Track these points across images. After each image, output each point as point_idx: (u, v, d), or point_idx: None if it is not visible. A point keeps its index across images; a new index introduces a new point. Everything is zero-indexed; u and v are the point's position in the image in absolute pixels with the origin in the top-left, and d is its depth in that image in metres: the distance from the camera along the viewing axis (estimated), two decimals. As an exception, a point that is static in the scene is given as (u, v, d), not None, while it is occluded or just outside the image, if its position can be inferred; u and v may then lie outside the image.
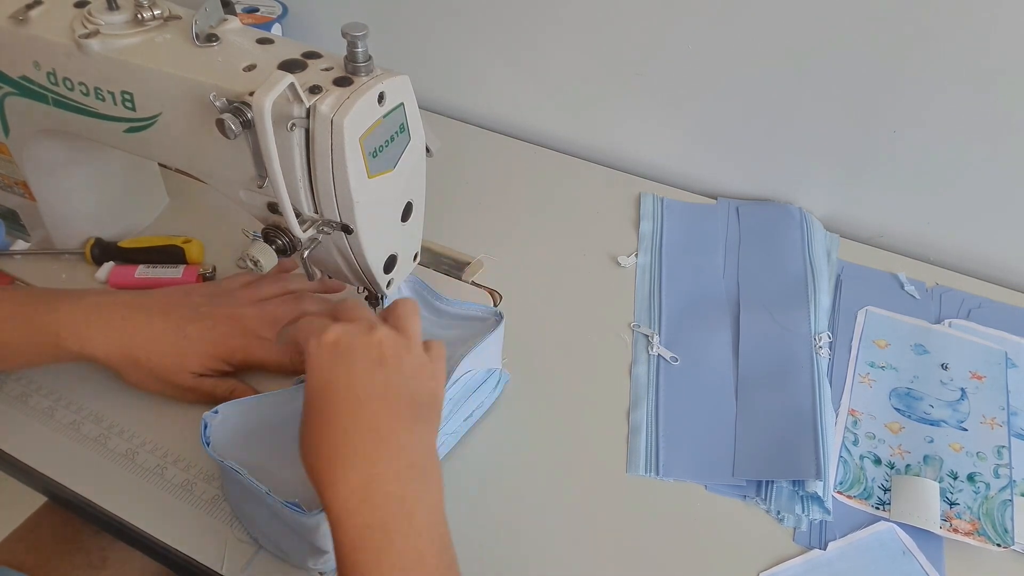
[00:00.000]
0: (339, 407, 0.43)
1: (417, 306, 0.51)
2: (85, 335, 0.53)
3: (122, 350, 0.54)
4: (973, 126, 0.68)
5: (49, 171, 0.65)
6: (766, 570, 0.53)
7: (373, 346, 0.45)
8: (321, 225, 0.51)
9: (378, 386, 0.44)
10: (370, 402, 0.43)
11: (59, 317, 0.53)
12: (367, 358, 0.45)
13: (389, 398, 0.44)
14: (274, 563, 0.51)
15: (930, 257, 0.77)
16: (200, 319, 0.56)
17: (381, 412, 0.43)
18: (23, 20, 0.54)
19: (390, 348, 0.46)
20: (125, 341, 0.54)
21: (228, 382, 0.58)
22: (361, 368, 0.44)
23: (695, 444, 0.59)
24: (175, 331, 0.55)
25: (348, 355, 0.44)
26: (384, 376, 0.45)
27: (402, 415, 0.44)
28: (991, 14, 0.62)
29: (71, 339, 0.53)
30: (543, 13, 0.79)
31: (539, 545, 0.53)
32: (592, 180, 0.84)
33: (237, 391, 0.58)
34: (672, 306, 0.69)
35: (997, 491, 0.57)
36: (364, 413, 0.43)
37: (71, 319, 0.53)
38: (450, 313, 0.61)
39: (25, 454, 0.57)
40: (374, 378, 0.44)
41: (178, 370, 0.55)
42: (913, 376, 0.65)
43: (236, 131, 0.46)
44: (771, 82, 0.74)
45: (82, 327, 0.53)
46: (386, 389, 0.44)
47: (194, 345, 0.55)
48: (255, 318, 0.58)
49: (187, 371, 0.56)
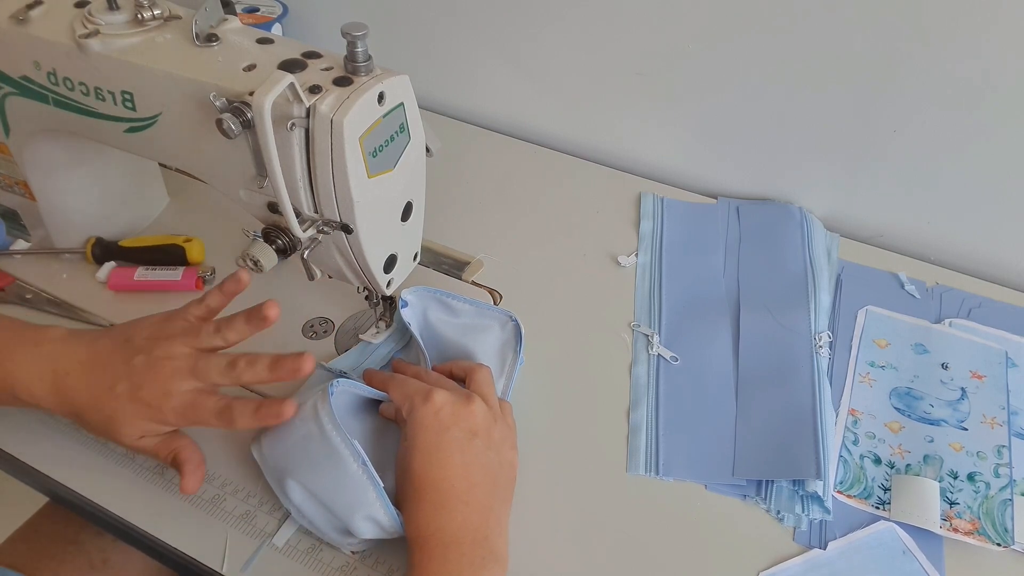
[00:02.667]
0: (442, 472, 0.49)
1: (491, 373, 0.57)
2: (36, 393, 0.51)
3: (64, 409, 0.52)
4: (973, 126, 0.68)
5: (49, 171, 0.65)
6: (766, 570, 0.53)
7: (470, 417, 0.51)
8: (321, 225, 0.51)
9: (475, 455, 0.50)
10: (470, 475, 0.50)
11: (14, 370, 0.52)
12: (466, 429, 0.51)
13: (486, 472, 0.50)
14: (274, 563, 0.52)
15: (930, 257, 0.77)
16: (128, 376, 0.51)
17: (478, 485, 0.50)
18: (23, 20, 0.54)
19: (483, 420, 0.52)
20: (67, 402, 0.52)
21: (171, 444, 0.53)
22: (462, 436, 0.50)
23: (695, 444, 0.59)
24: (107, 394, 0.51)
25: (452, 424, 0.51)
26: (480, 446, 0.51)
27: (494, 492, 0.51)
28: (991, 15, 0.62)
29: (25, 394, 0.52)
30: (543, 13, 0.79)
31: (539, 544, 0.54)
32: (592, 180, 0.84)
33: (181, 455, 0.53)
34: (672, 306, 0.69)
35: (997, 491, 0.57)
36: (463, 486, 0.49)
37: (25, 374, 0.52)
38: (466, 312, 0.63)
39: (25, 454, 0.57)
40: (472, 446, 0.50)
41: (114, 434, 0.52)
42: (913, 376, 0.65)
43: (236, 131, 0.46)
44: (771, 82, 0.74)
45: (34, 384, 0.51)
46: (482, 460, 0.51)
47: (122, 409, 0.51)
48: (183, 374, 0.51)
49: (122, 435, 0.51)
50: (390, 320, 0.64)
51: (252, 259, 0.64)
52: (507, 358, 0.61)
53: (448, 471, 0.49)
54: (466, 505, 0.48)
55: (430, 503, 0.48)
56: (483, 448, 0.51)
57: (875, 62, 0.68)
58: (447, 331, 0.62)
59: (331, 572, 0.51)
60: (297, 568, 0.51)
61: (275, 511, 0.54)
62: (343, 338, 0.65)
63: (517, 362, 0.61)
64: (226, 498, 0.55)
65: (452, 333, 0.62)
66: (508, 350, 0.61)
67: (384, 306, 0.63)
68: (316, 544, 0.52)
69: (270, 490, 0.55)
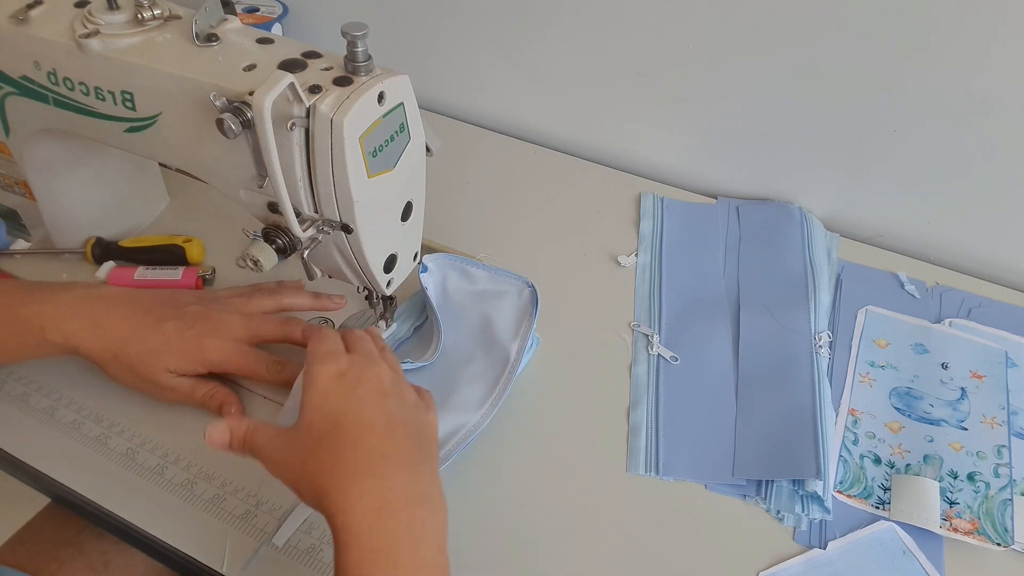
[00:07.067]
0: (352, 433, 0.44)
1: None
2: (68, 328, 0.53)
3: (102, 343, 0.53)
4: (973, 126, 0.68)
5: (50, 171, 0.65)
6: (766, 569, 0.53)
7: (376, 379, 0.48)
8: (321, 225, 0.51)
9: (387, 415, 0.46)
10: (383, 429, 0.45)
11: (44, 309, 0.53)
12: (373, 391, 0.47)
13: (397, 428, 0.46)
14: (274, 563, 0.52)
15: (930, 257, 0.77)
16: (180, 317, 0.56)
17: (391, 440, 0.45)
18: (24, 20, 0.54)
19: (390, 382, 0.49)
20: (105, 334, 0.53)
21: (208, 384, 0.57)
22: (369, 399, 0.47)
23: (695, 443, 0.59)
24: (154, 327, 0.54)
25: (356, 386, 0.47)
26: (390, 407, 0.47)
27: (411, 446, 0.46)
28: (990, 16, 0.62)
29: (54, 331, 0.53)
30: (544, 13, 0.79)
31: (538, 544, 0.53)
32: (592, 180, 0.84)
33: (217, 395, 0.57)
34: (672, 306, 0.69)
35: (997, 490, 0.57)
36: (375, 440, 0.45)
37: (56, 311, 0.53)
38: (482, 278, 0.66)
39: (25, 454, 0.57)
40: (383, 407, 0.47)
41: (154, 367, 0.54)
42: (913, 375, 0.65)
43: (236, 131, 0.46)
44: (771, 81, 0.74)
45: (66, 320, 0.53)
46: (393, 419, 0.46)
47: (171, 342, 0.54)
48: (237, 325, 0.57)
49: (163, 368, 0.54)
50: (390, 320, 0.64)
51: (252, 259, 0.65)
52: (522, 325, 0.63)
53: (362, 427, 0.45)
54: (390, 461, 0.44)
55: (344, 470, 0.43)
56: (396, 406, 0.47)
57: (876, 63, 0.68)
58: (464, 299, 0.64)
59: (331, 572, 0.51)
60: (297, 568, 0.51)
61: (275, 511, 0.54)
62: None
63: (532, 331, 0.62)
64: (226, 498, 0.55)
65: (469, 301, 0.64)
66: (525, 316, 0.63)
67: (384, 306, 0.63)
68: (316, 544, 0.53)
69: (270, 490, 0.55)
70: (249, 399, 0.60)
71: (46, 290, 0.55)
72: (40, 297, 0.54)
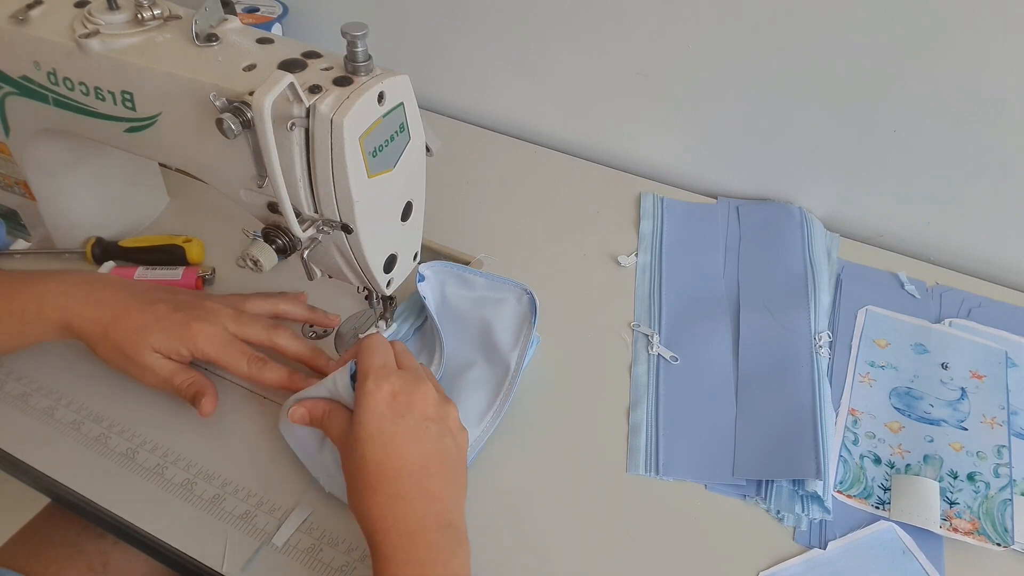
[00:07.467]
0: (395, 465, 0.47)
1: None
2: (66, 305, 0.55)
3: (96, 320, 0.55)
4: (973, 126, 0.68)
5: (49, 171, 0.65)
6: (766, 569, 0.53)
7: (423, 403, 0.50)
8: (321, 225, 0.51)
9: (429, 450, 0.49)
10: (423, 466, 0.48)
11: (45, 289, 0.56)
12: (420, 416, 0.49)
13: (435, 462, 0.48)
14: (274, 563, 0.52)
15: (930, 257, 0.77)
16: (172, 301, 0.58)
17: (429, 476, 0.48)
18: (23, 20, 0.54)
19: (434, 405, 0.51)
20: (99, 310, 0.56)
21: (189, 372, 0.57)
22: (417, 428, 0.49)
23: (695, 443, 0.59)
24: (146, 306, 0.56)
25: (406, 412, 0.49)
26: (432, 434, 0.49)
27: (444, 482, 0.49)
28: (990, 16, 0.62)
29: (52, 308, 0.55)
30: (544, 13, 0.79)
31: (539, 544, 0.54)
32: (592, 180, 0.84)
33: (195, 383, 0.57)
34: (672, 306, 0.69)
35: (997, 490, 0.57)
36: (416, 475, 0.47)
37: (57, 287, 0.56)
38: (480, 284, 0.65)
39: (25, 453, 0.57)
40: (427, 438, 0.49)
41: (140, 344, 0.55)
42: (913, 375, 0.65)
43: (236, 131, 0.46)
44: (771, 82, 0.74)
45: (65, 298, 0.55)
46: (434, 454, 0.49)
47: (160, 319, 0.56)
48: (227, 316, 0.58)
49: (149, 346, 0.55)
50: (390, 320, 0.64)
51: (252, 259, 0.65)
52: (522, 332, 0.63)
53: (405, 460, 0.47)
54: (426, 493, 0.47)
55: (386, 494, 0.47)
56: (438, 435, 0.50)
57: (876, 63, 0.68)
58: (463, 306, 0.64)
59: (331, 572, 0.51)
60: (297, 568, 0.51)
61: (275, 511, 0.54)
62: (343, 339, 0.65)
63: (532, 337, 0.62)
64: (226, 498, 0.55)
65: (468, 307, 0.64)
66: (524, 323, 0.63)
67: (384, 306, 0.63)
68: (316, 544, 0.53)
69: (270, 490, 0.55)
70: (231, 390, 0.60)
71: (48, 272, 0.57)
72: (42, 279, 0.56)
